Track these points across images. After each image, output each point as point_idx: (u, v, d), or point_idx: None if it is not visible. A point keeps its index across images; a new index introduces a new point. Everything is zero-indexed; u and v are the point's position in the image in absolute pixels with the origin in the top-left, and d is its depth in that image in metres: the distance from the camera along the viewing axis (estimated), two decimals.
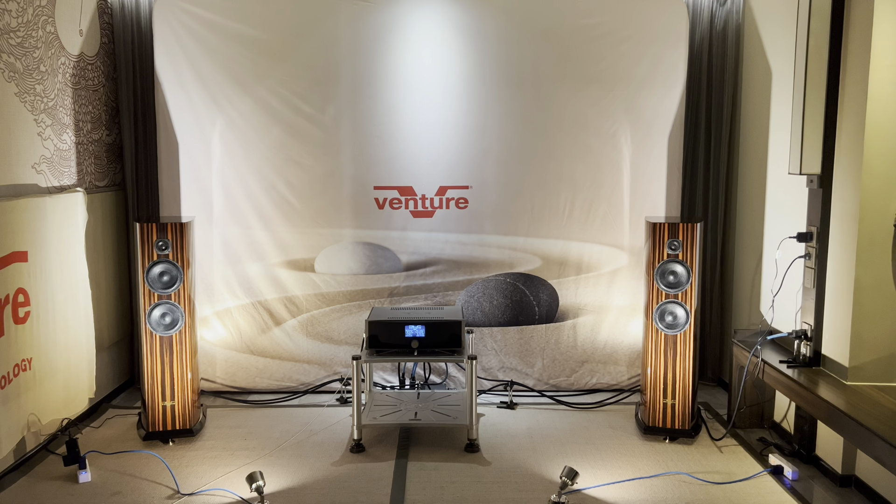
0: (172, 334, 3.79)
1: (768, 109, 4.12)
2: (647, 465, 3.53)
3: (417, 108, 4.40)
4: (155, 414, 3.81)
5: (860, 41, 3.14)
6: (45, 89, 3.77)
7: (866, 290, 3.16)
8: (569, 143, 4.42)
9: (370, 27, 4.32)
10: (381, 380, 4.58)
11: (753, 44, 4.33)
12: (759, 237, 4.26)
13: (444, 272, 4.56)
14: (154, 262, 3.73)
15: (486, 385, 4.56)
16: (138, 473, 3.44)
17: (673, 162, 4.43)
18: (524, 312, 4.59)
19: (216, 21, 4.26)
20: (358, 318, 4.55)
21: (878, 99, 3.07)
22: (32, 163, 3.66)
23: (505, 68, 4.36)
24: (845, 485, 3.31)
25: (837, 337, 3.30)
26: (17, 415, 3.43)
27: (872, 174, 3.10)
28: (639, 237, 4.46)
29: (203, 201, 4.41)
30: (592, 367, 4.59)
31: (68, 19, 3.99)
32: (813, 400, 3.11)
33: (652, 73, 4.34)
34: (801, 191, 3.60)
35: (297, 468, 3.51)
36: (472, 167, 4.46)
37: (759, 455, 3.63)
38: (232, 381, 4.55)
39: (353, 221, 4.49)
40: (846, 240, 3.24)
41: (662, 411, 3.85)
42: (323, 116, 4.38)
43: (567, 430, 3.99)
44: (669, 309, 3.79)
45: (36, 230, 3.56)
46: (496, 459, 3.61)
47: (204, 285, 4.45)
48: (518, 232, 4.52)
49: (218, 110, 4.33)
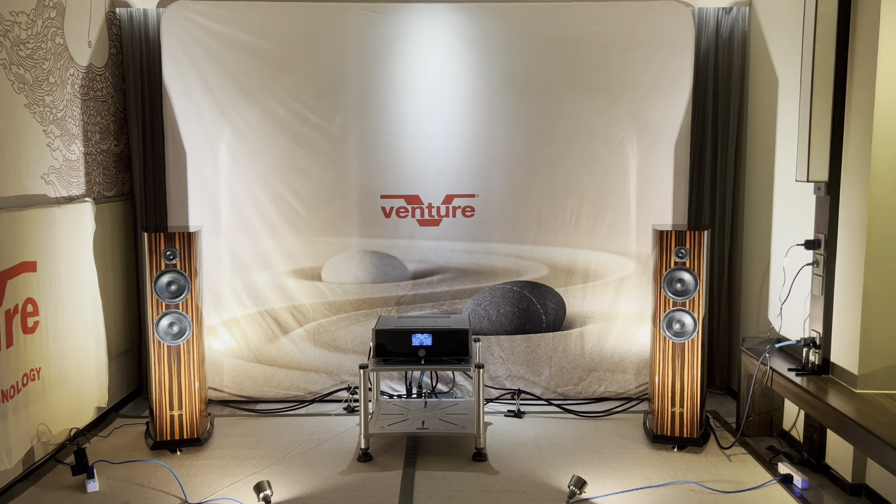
0: (180, 343, 3.80)
1: (775, 117, 4.11)
2: (656, 474, 3.51)
3: (424, 117, 4.41)
4: (163, 423, 3.82)
5: (867, 48, 3.13)
6: (55, 100, 3.80)
7: (875, 297, 3.15)
8: (575, 151, 4.42)
9: (377, 37, 4.34)
10: (389, 388, 4.57)
11: (759, 51, 4.33)
12: (766, 244, 4.24)
13: (450, 280, 4.56)
14: (162, 271, 3.75)
15: (494, 393, 4.55)
16: (146, 483, 3.45)
17: (680, 169, 4.43)
18: (531, 321, 4.58)
19: (224, 32, 4.28)
20: (365, 327, 4.55)
21: (886, 105, 3.06)
22: (41, 173, 3.68)
23: (511, 77, 4.37)
24: (855, 494, 3.28)
25: (846, 345, 3.28)
26: (25, 424, 3.44)
27: (880, 181, 3.09)
28: (646, 245, 4.46)
29: (211, 211, 4.43)
30: (600, 376, 4.58)
31: (77, 31, 4.02)
32: (822, 408, 3.09)
33: (658, 80, 4.34)
34: (809, 198, 3.59)
35: (304, 477, 3.51)
36: (478, 175, 4.46)
37: (768, 464, 3.61)
38: (239, 390, 4.56)
39: (359, 230, 4.50)
40: (854, 247, 3.22)
41: (671, 420, 3.83)
42: (330, 126, 4.39)
43: (575, 438, 3.98)
44: (677, 317, 3.78)
45: (45, 240, 3.58)
46: (504, 468, 3.60)
47: (211, 294, 4.47)
48: (525, 240, 4.52)
49: (226, 120, 4.36)
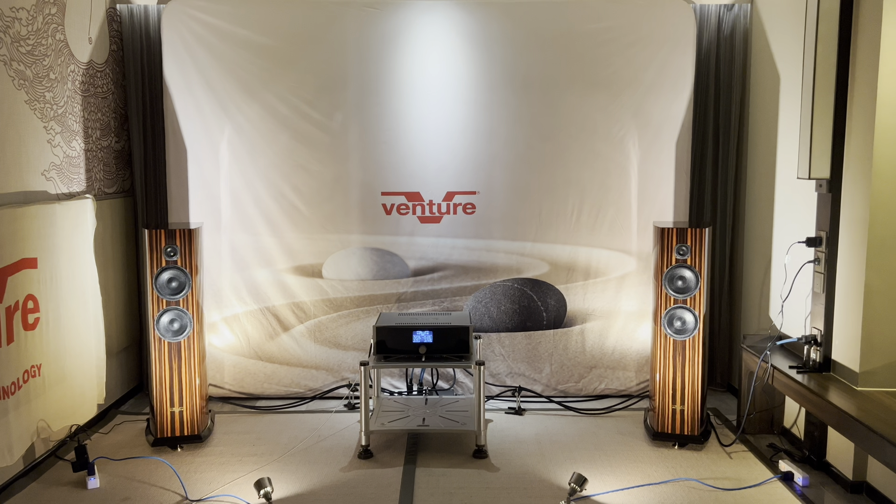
0: (181, 340, 3.80)
1: (776, 113, 4.10)
2: (657, 472, 3.51)
3: (425, 114, 4.40)
4: (163, 420, 3.82)
5: (869, 44, 3.12)
6: (55, 97, 3.80)
7: (877, 294, 3.14)
8: (577, 148, 4.42)
9: (378, 33, 4.33)
10: (389, 385, 4.57)
11: (761, 48, 4.32)
12: (767, 242, 4.24)
13: (451, 277, 4.56)
14: (163, 268, 3.74)
15: (494, 391, 4.55)
16: (147, 479, 3.45)
17: (681, 166, 4.42)
18: (532, 318, 4.58)
19: (224, 28, 4.28)
20: (366, 324, 4.55)
21: (888, 102, 3.06)
22: (42, 170, 3.68)
23: (512, 73, 4.36)
24: (856, 491, 3.28)
25: (848, 342, 3.28)
26: (26, 421, 3.44)
27: (882, 178, 3.09)
28: (647, 242, 4.45)
29: (211, 207, 4.43)
30: (601, 373, 4.58)
31: (78, 27, 4.02)
32: (823, 405, 3.09)
33: (660, 77, 4.34)
34: (810, 195, 3.59)
35: (305, 474, 3.51)
36: (479, 172, 4.46)
37: (769, 461, 3.61)
38: (240, 386, 4.56)
39: (360, 227, 4.50)
40: (856, 244, 3.22)
41: (671, 417, 3.83)
42: (331, 122, 4.39)
43: (575, 435, 3.98)
44: (678, 314, 3.78)
45: (45, 237, 3.57)
46: (504, 465, 3.60)
47: (212, 291, 4.46)
48: (526, 237, 4.51)
49: (226, 117, 4.35)
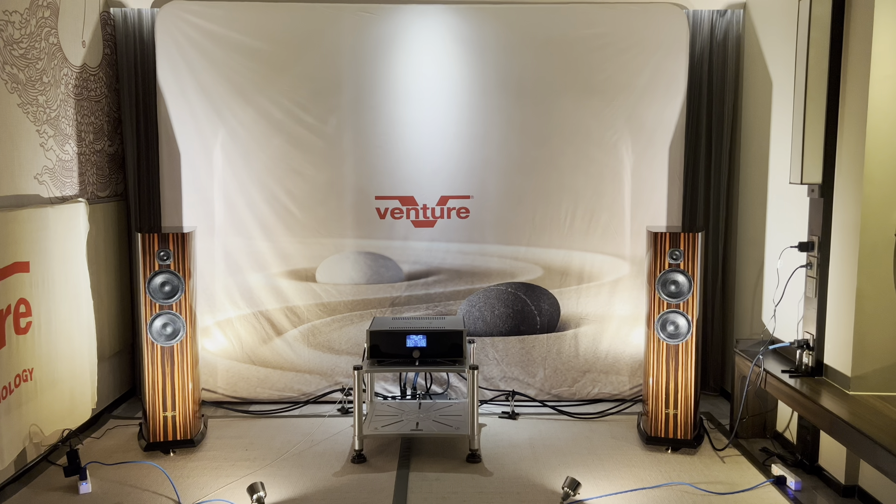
0: (174, 344, 3.79)
1: (769, 119, 4.13)
2: (650, 476, 3.51)
3: (419, 119, 4.41)
4: (156, 424, 3.81)
5: (860, 50, 3.14)
6: (48, 100, 3.79)
7: (868, 299, 3.16)
8: (570, 152, 4.43)
9: (372, 38, 4.33)
10: (383, 390, 4.57)
11: (754, 54, 4.35)
12: (760, 246, 4.26)
13: (445, 282, 4.56)
14: (156, 272, 3.73)
15: (488, 395, 4.55)
16: (139, 484, 3.43)
17: (674, 171, 4.44)
18: (526, 322, 4.58)
19: (218, 32, 4.27)
20: (359, 328, 4.54)
21: (879, 108, 3.08)
22: (35, 173, 3.67)
23: (506, 78, 4.37)
24: (848, 495, 3.29)
25: (839, 346, 3.29)
26: (18, 425, 3.43)
27: (873, 183, 3.11)
28: (640, 247, 4.46)
29: (205, 211, 4.42)
30: (594, 377, 4.58)
31: (71, 31, 4.01)
32: (815, 410, 3.10)
33: (653, 83, 4.35)
34: (803, 200, 3.60)
35: (298, 479, 3.50)
36: (473, 177, 4.46)
37: (761, 465, 3.62)
38: (233, 391, 4.54)
39: (354, 231, 4.50)
40: (848, 249, 3.23)
41: (664, 421, 3.83)
42: (325, 126, 4.39)
43: (569, 440, 3.98)
44: (671, 319, 3.79)
45: (38, 241, 3.56)
46: (498, 470, 3.60)
47: (205, 295, 4.45)
48: (519, 241, 4.52)
49: (220, 121, 4.35)
